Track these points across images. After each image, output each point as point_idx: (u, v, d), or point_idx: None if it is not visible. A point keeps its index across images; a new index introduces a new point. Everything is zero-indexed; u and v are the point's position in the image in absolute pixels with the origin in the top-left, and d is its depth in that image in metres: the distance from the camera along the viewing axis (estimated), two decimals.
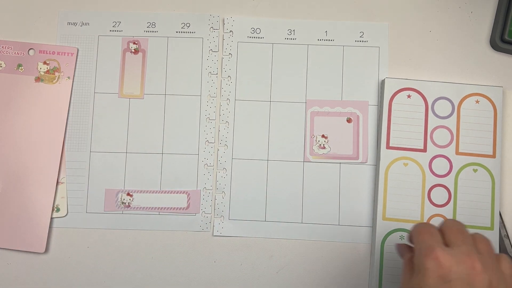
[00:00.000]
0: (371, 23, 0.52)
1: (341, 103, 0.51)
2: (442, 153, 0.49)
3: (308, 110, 0.51)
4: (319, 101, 0.51)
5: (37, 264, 0.50)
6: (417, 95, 0.50)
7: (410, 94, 0.50)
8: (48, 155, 0.51)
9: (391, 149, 0.49)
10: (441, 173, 0.49)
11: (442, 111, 0.50)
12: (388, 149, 0.49)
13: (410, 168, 0.49)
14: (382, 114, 0.50)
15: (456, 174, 0.49)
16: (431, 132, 0.50)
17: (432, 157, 0.49)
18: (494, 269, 0.33)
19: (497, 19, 0.51)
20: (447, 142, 0.50)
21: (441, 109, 0.50)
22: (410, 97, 0.50)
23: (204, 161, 0.51)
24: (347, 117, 0.51)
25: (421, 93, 0.50)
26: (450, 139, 0.50)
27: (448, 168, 0.49)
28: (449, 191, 0.49)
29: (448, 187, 0.49)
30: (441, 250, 0.33)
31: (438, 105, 0.50)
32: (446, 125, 0.50)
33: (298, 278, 0.50)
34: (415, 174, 0.49)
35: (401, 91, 0.50)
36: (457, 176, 0.49)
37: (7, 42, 0.52)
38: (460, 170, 0.49)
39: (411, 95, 0.50)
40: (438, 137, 0.50)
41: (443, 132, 0.50)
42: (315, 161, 0.51)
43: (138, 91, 0.52)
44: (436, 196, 0.49)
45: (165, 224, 0.51)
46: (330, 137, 0.51)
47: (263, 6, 0.53)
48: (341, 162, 0.51)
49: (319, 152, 0.51)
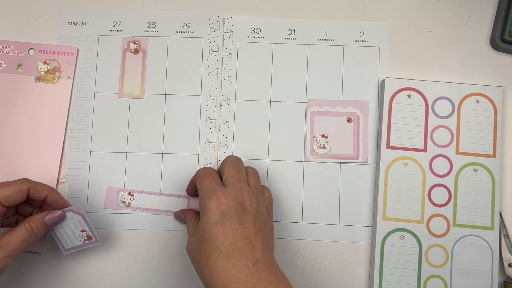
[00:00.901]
0: (371, 23, 0.52)
1: (341, 103, 0.51)
2: (442, 153, 0.49)
3: (308, 110, 0.51)
4: (319, 101, 0.51)
5: (37, 264, 0.50)
6: (417, 95, 0.50)
7: (410, 94, 0.50)
8: (48, 155, 0.51)
9: (391, 149, 0.49)
10: (441, 173, 0.49)
11: (442, 111, 0.50)
12: (388, 149, 0.49)
13: (410, 168, 0.49)
14: (382, 114, 0.50)
15: (456, 174, 0.49)
16: (431, 132, 0.50)
17: (432, 157, 0.49)
18: (259, 197, 0.44)
19: (497, 19, 0.51)
20: (447, 142, 0.50)
21: (441, 109, 0.50)
22: (410, 97, 0.50)
23: (204, 161, 0.51)
24: (347, 117, 0.51)
25: (421, 93, 0.50)
26: (450, 139, 0.50)
27: (448, 168, 0.49)
28: (449, 191, 0.49)
29: (448, 187, 0.49)
30: (220, 191, 0.42)
31: (438, 105, 0.50)
32: (446, 125, 0.50)
33: (298, 278, 0.50)
34: (415, 174, 0.49)
35: (401, 91, 0.50)
36: (457, 176, 0.49)
37: (7, 42, 0.52)
38: (460, 170, 0.49)
39: (411, 95, 0.50)
40: (438, 137, 0.50)
41: (443, 132, 0.50)
42: (315, 161, 0.51)
43: (138, 91, 0.52)
44: (436, 196, 0.49)
45: (165, 224, 0.51)
46: (330, 137, 0.51)
47: (263, 6, 0.53)
48: (341, 162, 0.51)
49: (319, 152, 0.51)
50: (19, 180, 0.42)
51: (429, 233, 0.49)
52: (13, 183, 0.42)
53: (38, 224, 0.42)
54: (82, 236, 0.43)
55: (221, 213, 0.41)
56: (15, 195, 0.41)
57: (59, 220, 0.42)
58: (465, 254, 0.48)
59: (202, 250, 0.41)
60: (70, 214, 0.43)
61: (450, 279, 0.48)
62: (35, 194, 0.43)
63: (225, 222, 0.40)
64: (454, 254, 0.48)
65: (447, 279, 0.48)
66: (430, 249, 0.48)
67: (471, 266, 0.48)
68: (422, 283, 0.48)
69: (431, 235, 0.49)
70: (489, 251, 0.48)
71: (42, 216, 0.42)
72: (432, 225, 0.49)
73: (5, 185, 0.42)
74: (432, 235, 0.49)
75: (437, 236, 0.49)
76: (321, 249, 0.50)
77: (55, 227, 0.43)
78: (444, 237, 0.48)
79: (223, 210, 0.41)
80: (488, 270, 0.48)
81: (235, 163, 0.45)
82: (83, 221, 0.42)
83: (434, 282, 0.48)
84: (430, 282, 0.48)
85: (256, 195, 0.43)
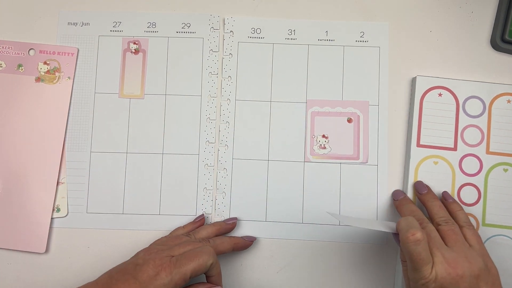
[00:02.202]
0: (372, 23, 0.52)
1: (342, 103, 0.51)
2: (473, 152, 0.49)
3: (308, 110, 0.51)
4: (320, 101, 0.51)
5: (37, 264, 0.50)
6: (448, 94, 0.50)
7: (441, 92, 0.50)
8: (48, 155, 0.51)
9: (422, 147, 0.49)
10: (471, 172, 0.49)
11: (473, 110, 0.50)
12: (419, 147, 0.49)
13: (440, 167, 0.49)
14: (412, 112, 0.50)
15: (486, 173, 0.49)
16: (461, 131, 0.50)
17: (463, 156, 0.49)
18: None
19: (497, 19, 0.51)
20: (478, 141, 0.49)
21: (472, 108, 0.50)
22: (441, 95, 0.50)
23: (205, 161, 0.51)
24: (348, 117, 0.51)
25: (452, 92, 0.50)
26: (480, 138, 0.49)
27: (478, 167, 0.49)
28: (479, 190, 0.49)
29: (478, 186, 0.49)
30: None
31: (469, 104, 0.50)
32: (477, 124, 0.50)
33: (298, 278, 0.50)
34: (445, 172, 0.49)
35: (432, 89, 0.50)
36: (487, 176, 0.49)
37: (7, 42, 0.52)
38: (490, 169, 0.49)
39: (442, 94, 0.50)
40: (469, 136, 0.50)
41: (473, 131, 0.50)
42: (316, 161, 0.51)
43: (139, 91, 0.52)
44: (466, 195, 0.49)
45: (165, 224, 0.51)
46: (331, 137, 0.51)
47: (263, 6, 0.53)
48: (342, 162, 0.51)
49: (320, 152, 0.51)
50: (206, 252, 0.43)
51: None
52: (201, 257, 0.42)
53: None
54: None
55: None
56: (201, 270, 0.42)
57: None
58: (494, 254, 0.47)
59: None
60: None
61: None
62: (212, 270, 0.44)
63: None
64: None
65: None
66: None
67: (500, 266, 0.47)
68: None
69: None
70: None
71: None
72: None
73: (195, 258, 0.42)
74: None
75: None
76: (321, 249, 0.50)
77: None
78: None
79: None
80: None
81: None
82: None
83: None
84: None
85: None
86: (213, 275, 0.44)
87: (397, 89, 0.51)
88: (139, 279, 0.41)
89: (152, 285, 0.40)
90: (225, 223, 0.49)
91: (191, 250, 0.43)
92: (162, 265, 0.41)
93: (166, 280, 0.41)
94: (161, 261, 0.42)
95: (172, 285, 0.41)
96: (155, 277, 0.41)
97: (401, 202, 0.48)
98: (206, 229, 0.48)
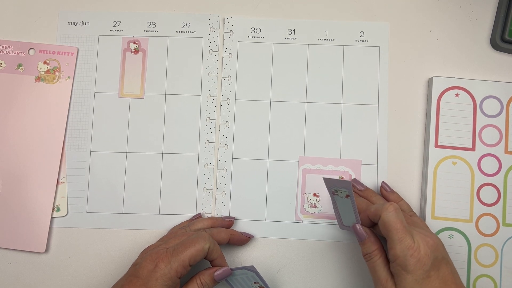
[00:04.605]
0: (371, 22, 0.52)
1: (334, 161, 0.51)
2: (491, 152, 0.49)
3: (300, 167, 0.51)
4: (312, 158, 0.50)
5: (37, 264, 0.50)
6: (465, 94, 0.50)
7: (458, 92, 0.50)
8: (48, 155, 0.51)
9: (440, 148, 0.49)
10: (490, 172, 0.49)
11: (491, 110, 0.50)
12: (437, 148, 0.49)
13: (458, 167, 0.49)
14: (430, 113, 0.50)
15: (506, 173, 0.49)
16: (479, 131, 0.50)
17: (481, 156, 0.49)
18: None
19: (497, 18, 0.51)
20: (496, 141, 0.49)
21: (489, 108, 0.50)
22: (458, 95, 0.50)
23: (205, 160, 0.51)
24: (339, 175, 0.50)
25: (469, 92, 0.50)
26: (499, 138, 0.49)
27: (497, 167, 0.49)
28: (498, 190, 0.49)
29: (497, 186, 0.49)
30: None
31: (487, 104, 0.50)
32: (494, 124, 0.50)
33: (298, 278, 0.50)
34: (463, 173, 0.49)
35: (449, 90, 0.50)
36: (507, 175, 0.49)
37: (7, 42, 0.52)
38: (509, 169, 0.49)
39: (459, 94, 0.50)
40: (487, 136, 0.49)
41: (491, 131, 0.50)
42: (307, 221, 0.50)
43: (138, 90, 0.52)
44: (485, 195, 0.49)
45: (165, 224, 0.51)
46: (321, 195, 0.50)
47: (263, 6, 0.53)
48: (332, 223, 0.50)
49: (310, 211, 0.50)
50: (202, 237, 0.43)
51: (478, 233, 0.48)
52: (197, 242, 0.42)
53: (208, 279, 0.44)
54: (255, 287, 0.44)
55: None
56: (199, 255, 0.42)
57: (227, 277, 0.44)
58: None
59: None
60: (243, 270, 0.43)
61: (500, 278, 0.48)
62: (211, 254, 0.44)
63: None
64: (504, 253, 0.48)
65: (497, 279, 0.48)
66: (480, 248, 0.48)
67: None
68: (472, 283, 0.48)
69: (480, 234, 0.48)
70: None
71: (212, 272, 0.44)
72: (481, 224, 0.49)
73: (191, 244, 0.42)
74: (481, 234, 0.48)
75: (487, 236, 0.48)
76: (321, 249, 0.50)
77: (229, 277, 0.44)
78: (494, 236, 0.48)
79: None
80: None
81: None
82: (256, 276, 0.42)
83: (484, 282, 0.48)
84: (480, 281, 0.48)
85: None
86: (215, 258, 0.44)
87: (397, 88, 0.51)
88: (140, 276, 0.41)
89: (153, 278, 0.41)
90: (221, 219, 0.49)
91: (187, 238, 0.44)
92: (159, 257, 0.42)
93: (165, 270, 0.41)
94: (157, 254, 0.42)
95: (173, 273, 0.41)
96: (154, 269, 0.41)
97: (365, 193, 0.48)
98: (201, 221, 0.48)
